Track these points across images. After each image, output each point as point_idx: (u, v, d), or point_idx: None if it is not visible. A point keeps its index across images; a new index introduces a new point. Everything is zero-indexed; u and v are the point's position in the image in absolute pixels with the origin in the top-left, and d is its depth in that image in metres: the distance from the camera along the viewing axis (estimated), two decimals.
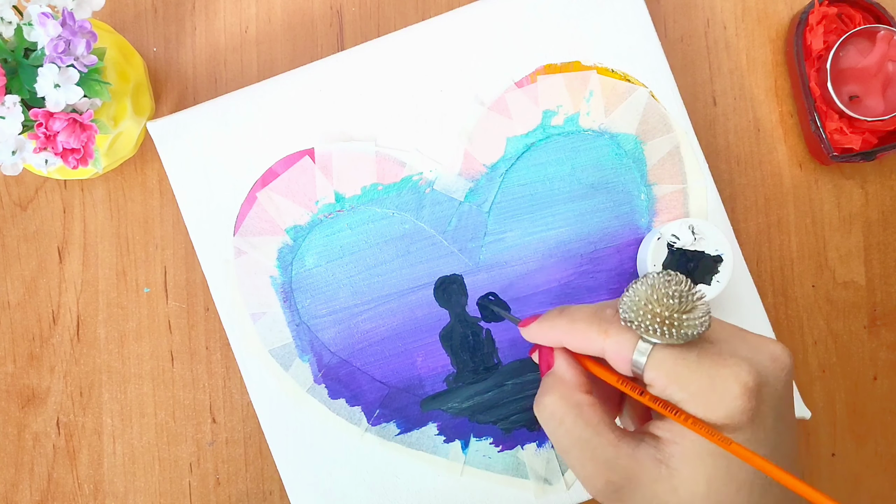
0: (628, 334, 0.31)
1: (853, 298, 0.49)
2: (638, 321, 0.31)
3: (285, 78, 0.45)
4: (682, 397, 0.30)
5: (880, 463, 0.49)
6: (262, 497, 0.48)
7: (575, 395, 0.33)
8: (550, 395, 0.33)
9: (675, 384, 0.30)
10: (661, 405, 0.30)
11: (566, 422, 0.32)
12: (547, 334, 0.35)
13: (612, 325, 0.32)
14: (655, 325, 0.30)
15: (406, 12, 0.49)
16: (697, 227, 0.43)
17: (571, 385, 0.34)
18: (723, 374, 0.29)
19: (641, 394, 0.31)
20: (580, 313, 0.34)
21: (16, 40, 0.39)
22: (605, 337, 0.32)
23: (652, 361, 0.30)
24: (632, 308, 0.31)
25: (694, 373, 0.30)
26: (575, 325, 0.33)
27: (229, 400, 0.49)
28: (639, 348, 0.31)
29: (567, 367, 0.34)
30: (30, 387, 0.49)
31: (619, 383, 0.33)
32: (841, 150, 0.47)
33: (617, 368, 0.32)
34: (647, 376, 0.31)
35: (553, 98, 0.45)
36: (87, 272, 0.49)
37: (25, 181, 0.49)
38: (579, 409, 0.32)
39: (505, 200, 0.45)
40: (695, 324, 0.30)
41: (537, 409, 0.34)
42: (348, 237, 0.45)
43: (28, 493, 0.48)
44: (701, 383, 0.30)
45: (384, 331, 0.45)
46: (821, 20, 0.47)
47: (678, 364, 0.30)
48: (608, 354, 0.32)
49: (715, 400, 0.29)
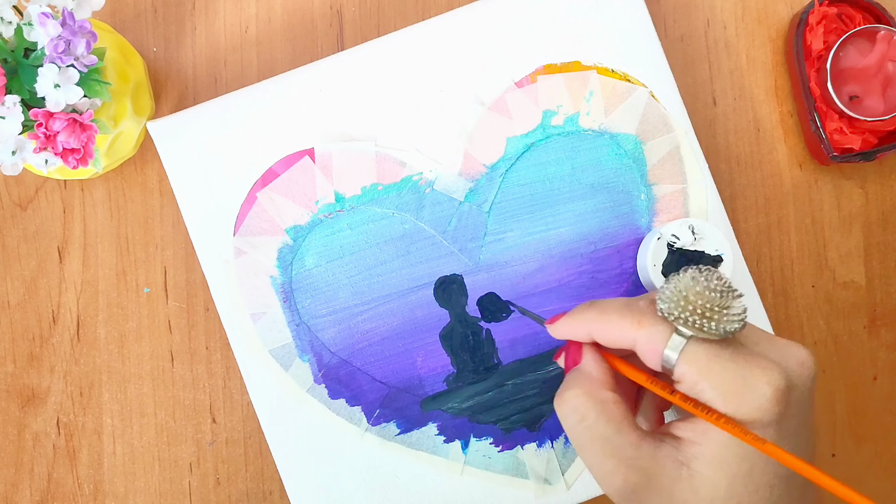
0: (662, 326, 0.31)
1: (853, 298, 0.49)
2: (677, 312, 0.30)
3: (285, 78, 0.45)
4: (712, 396, 0.30)
5: (880, 463, 0.49)
6: (262, 497, 0.48)
7: (599, 392, 0.33)
8: (574, 389, 0.33)
9: (706, 381, 0.30)
10: (693, 405, 0.30)
11: (588, 417, 0.32)
12: (576, 328, 0.34)
13: (645, 315, 0.31)
14: (695, 318, 0.30)
15: (406, 12, 0.49)
16: (697, 227, 0.43)
17: (597, 381, 0.33)
18: (755, 375, 0.29)
19: (672, 393, 0.31)
20: (612, 305, 0.33)
21: (16, 40, 0.39)
22: (638, 327, 0.31)
23: (685, 356, 0.30)
24: (671, 298, 0.31)
25: (728, 371, 0.29)
26: (606, 316, 0.33)
27: (229, 400, 0.49)
28: (672, 341, 0.30)
29: (594, 364, 0.34)
30: (30, 387, 0.49)
31: (648, 382, 0.32)
32: (841, 150, 0.47)
33: (646, 362, 0.31)
34: (679, 370, 0.30)
35: (553, 98, 0.45)
36: (87, 272, 0.49)
37: (25, 181, 0.49)
38: (603, 406, 0.32)
39: (505, 200, 0.45)
40: (733, 319, 0.30)
41: (558, 403, 0.33)
42: (348, 237, 0.45)
43: (28, 493, 0.48)
44: (733, 382, 0.29)
45: (384, 331, 0.45)
46: (821, 20, 0.47)
47: (711, 361, 0.30)
48: (639, 346, 0.31)
49: (746, 400, 0.29)
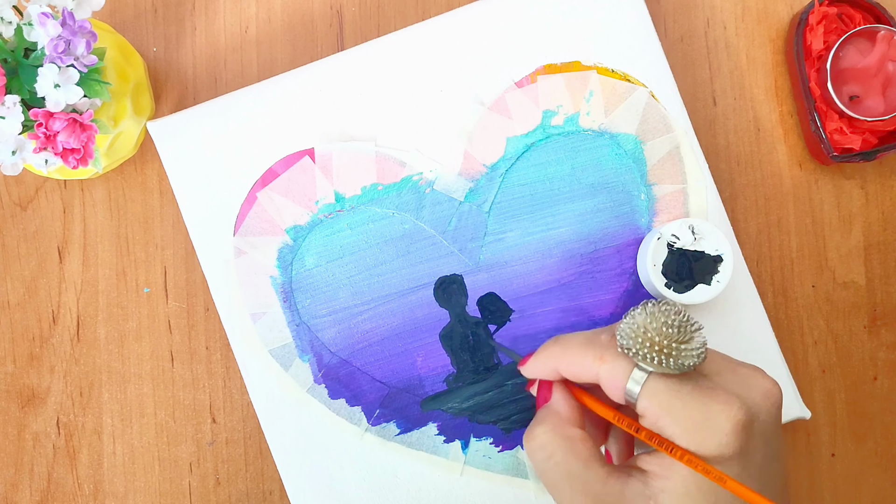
0: (624, 361, 0.31)
1: (853, 298, 0.49)
2: (636, 349, 0.31)
3: (285, 78, 0.45)
4: (675, 431, 0.30)
5: (880, 463, 0.49)
6: (262, 497, 0.48)
7: (567, 429, 0.33)
8: (542, 426, 0.33)
9: (668, 416, 0.30)
10: (657, 442, 0.31)
11: (556, 455, 0.32)
12: (543, 365, 0.35)
13: (607, 350, 0.32)
14: (653, 354, 0.30)
15: (406, 12, 0.49)
16: (697, 227, 0.43)
17: (565, 418, 0.34)
18: (715, 410, 0.30)
19: (637, 430, 0.31)
20: (574, 340, 0.34)
21: (16, 40, 0.39)
22: (600, 363, 0.32)
23: (646, 391, 0.30)
24: (630, 335, 0.31)
25: (687, 406, 0.30)
26: (569, 352, 0.33)
27: (229, 400, 0.49)
28: (633, 376, 0.31)
29: (563, 401, 0.34)
30: (30, 387, 0.49)
31: (615, 420, 0.33)
32: (841, 150, 0.47)
33: (610, 395, 0.32)
34: (640, 405, 0.31)
35: (553, 98, 0.45)
36: (87, 272, 0.49)
37: (25, 181, 0.49)
38: (571, 443, 0.32)
39: (505, 200, 0.45)
40: (692, 354, 0.30)
41: (527, 440, 0.34)
42: (348, 237, 0.45)
43: (28, 493, 0.48)
44: (694, 418, 0.30)
45: (384, 331, 0.45)
46: (821, 20, 0.47)
47: (672, 396, 0.30)
48: (602, 380, 0.32)
49: (707, 435, 0.29)
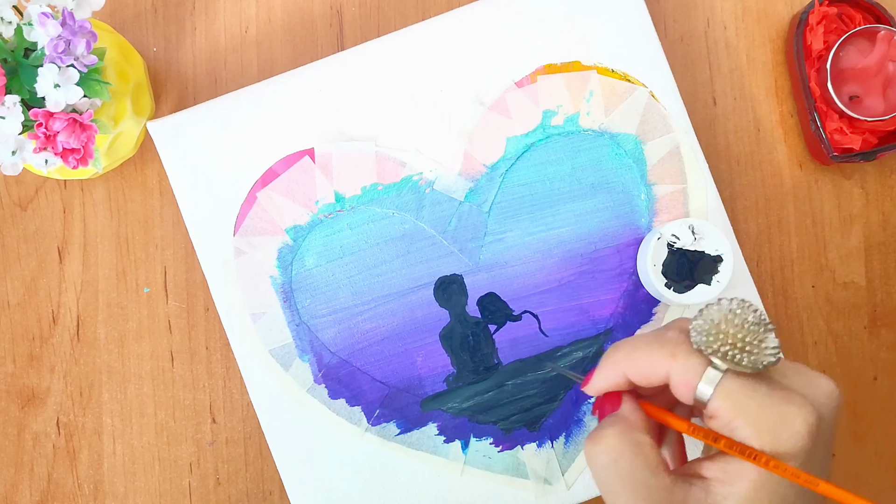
0: (696, 359, 0.30)
1: (853, 299, 0.49)
2: (715, 346, 0.30)
3: (285, 78, 0.45)
4: (748, 433, 0.29)
5: (880, 463, 0.49)
6: (262, 497, 0.48)
7: (636, 434, 0.32)
8: (611, 429, 0.32)
9: (742, 417, 0.29)
10: (739, 450, 0.29)
11: (623, 460, 0.31)
12: (611, 373, 0.33)
13: (678, 347, 0.31)
14: (734, 351, 0.29)
15: (406, 12, 0.49)
16: (697, 227, 0.43)
17: (634, 424, 0.32)
18: (791, 412, 0.29)
19: (716, 440, 0.30)
20: (641, 340, 0.32)
21: (16, 40, 0.39)
22: (672, 360, 0.30)
23: (721, 390, 0.29)
24: (706, 331, 0.30)
25: (763, 408, 0.29)
26: (637, 353, 0.32)
27: (229, 400, 0.49)
28: (707, 375, 0.30)
29: (632, 409, 0.33)
30: (30, 387, 0.49)
31: (689, 431, 0.32)
32: (841, 150, 0.47)
33: (678, 395, 0.31)
34: (713, 405, 0.30)
35: (553, 98, 0.45)
36: (87, 272, 0.49)
37: (25, 181, 0.49)
38: (639, 448, 0.31)
39: (505, 200, 0.45)
40: (769, 353, 0.29)
41: (592, 442, 0.32)
42: (348, 237, 0.45)
43: (28, 493, 0.48)
44: (770, 419, 0.29)
45: (384, 331, 0.45)
46: (821, 20, 0.47)
47: (747, 396, 0.29)
48: (673, 379, 0.31)
49: (783, 438, 0.29)
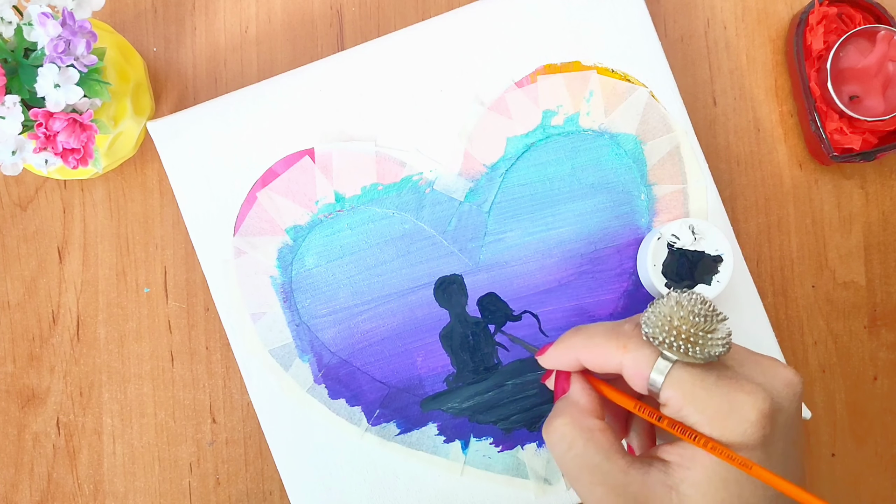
0: (648, 350, 0.31)
1: (853, 298, 0.49)
2: (661, 337, 0.31)
3: (285, 78, 0.45)
4: (698, 420, 0.30)
5: (880, 463, 0.49)
6: (262, 497, 0.48)
7: (587, 420, 0.33)
8: (562, 417, 0.33)
9: (691, 405, 0.30)
10: (680, 430, 0.30)
11: (576, 446, 0.32)
12: (563, 355, 0.34)
13: (631, 339, 0.32)
14: (679, 342, 0.30)
15: (406, 12, 0.49)
16: (697, 227, 0.43)
17: (584, 409, 0.33)
18: (740, 399, 0.30)
19: (659, 419, 0.31)
20: (598, 329, 0.33)
21: (16, 40, 0.39)
22: (623, 351, 0.32)
23: (670, 380, 0.30)
24: (655, 323, 0.31)
25: (712, 396, 0.30)
26: (593, 341, 0.33)
27: (229, 400, 0.49)
28: (657, 366, 0.31)
29: (582, 392, 0.34)
30: (30, 387, 0.49)
31: (636, 409, 0.32)
32: (841, 150, 0.47)
33: (632, 385, 0.32)
34: (663, 395, 0.31)
35: (553, 98, 0.45)
36: (87, 272, 0.49)
37: (25, 181, 0.49)
38: (590, 434, 0.32)
39: (505, 200, 0.45)
40: (718, 343, 0.30)
41: (547, 432, 0.33)
42: (348, 237, 0.45)
43: (28, 493, 0.48)
44: (719, 407, 0.30)
45: (384, 331, 0.45)
46: (821, 20, 0.47)
47: (696, 385, 0.30)
48: (625, 370, 0.32)
49: (732, 424, 0.29)
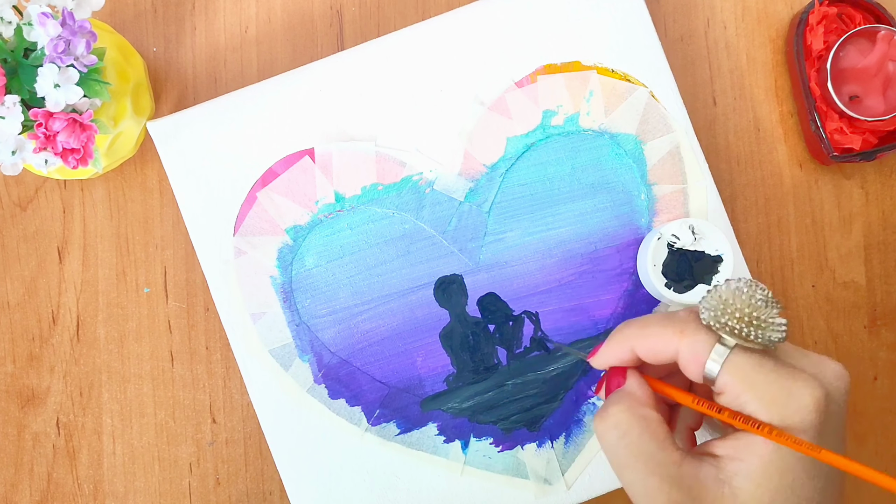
0: (705, 335, 0.31)
1: (853, 298, 0.49)
2: (724, 320, 0.30)
3: (285, 78, 0.45)
4: (756, 407, 0.30)
5: (880, 463, 0.49)
6: (262, 497, 0.48)
7: (643, 410, 0.32)
8: (618, 405, 0.32)
9: (749, 392, 0.30)
10: (742, 420, 0.30)
11: (631, 434, 0.32)
12: (617, 349, 0.34)
13: (688, 324, 0.31)
14: (742, 325, 0.30)
15: (406, 12, 0.49)
16: (697, 227, 0.43)
17: (641, 400, 0.33)
18: (798, 386, 0.29)
19: (720, 411, 0.31)
20: (651, 318, 0.33)
21: (16, 40, 0.39)
22: (681, 336, 0.31)
23: (729, 365, 0.30)
24: (717, 307, 0.31)
25: (770, 382, 0.30)
26: (648, 329, 0.33)
27: (229, 400, 0.49)
28: (715, 351, 0.30)
29: (639, 385, 0.33)
30: (30, 387, 0.49)
31: (694, 403, 0.32)
32: (841, 150, 0.47)
33: (686, 372, 0.31)
34: (720, 381, 0.30)
35: (553, 98, 0.45)
36: (87, 272, 0.49)
37: (25, 181, 0.49)
38: (647, 423, 0.32)
39: (505, 200, 0.45)
40: (778, 329, 0.30)
41: (600, 419, 0.33)
42: (348, 237, 0.45)
43: (28, 493, 0.48)
44: (777, 393, 0.29)
45: (384, 331, 0.45)
46: (821, 20, 0.47)
47: (755, 371, 0.30)
48: (682, 356, 0.31)
49: (790, 411, 0.29)
